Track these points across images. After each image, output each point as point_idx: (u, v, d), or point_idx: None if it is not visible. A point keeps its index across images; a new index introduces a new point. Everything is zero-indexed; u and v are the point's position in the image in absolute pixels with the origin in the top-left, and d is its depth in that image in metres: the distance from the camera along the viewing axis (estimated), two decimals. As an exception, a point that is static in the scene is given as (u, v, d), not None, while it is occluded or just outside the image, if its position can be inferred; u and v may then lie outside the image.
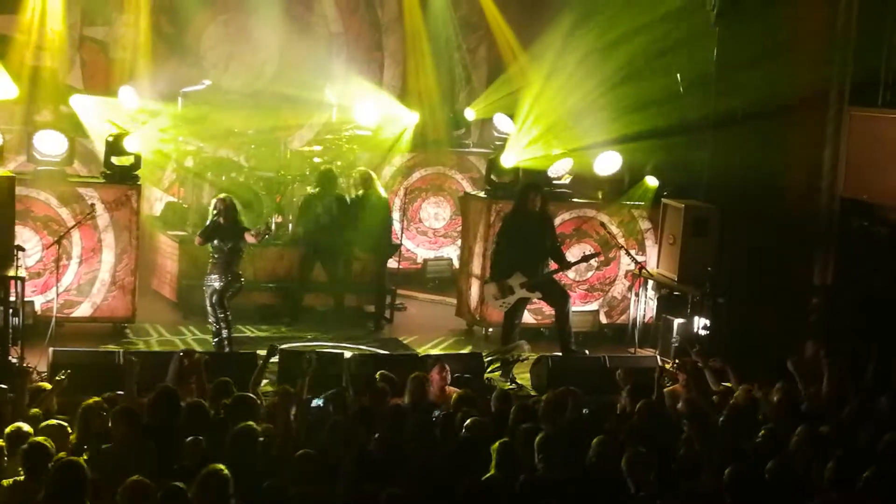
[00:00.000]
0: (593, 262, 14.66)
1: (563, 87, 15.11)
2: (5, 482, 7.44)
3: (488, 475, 7.84)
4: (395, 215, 16.48)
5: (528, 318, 14.20)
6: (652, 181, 15.14)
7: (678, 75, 14.75)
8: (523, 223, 13.45)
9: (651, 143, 14.71)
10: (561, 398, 9.62)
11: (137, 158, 13.82)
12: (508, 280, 13.36)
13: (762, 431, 8.99)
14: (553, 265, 13.52)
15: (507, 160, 14.92)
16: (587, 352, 13.58)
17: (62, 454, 7.64)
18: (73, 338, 12.76)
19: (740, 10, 13.80)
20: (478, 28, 18.88)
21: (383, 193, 15.38)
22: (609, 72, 14.83)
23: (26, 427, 8.19)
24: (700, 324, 13.59)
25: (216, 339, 12.87)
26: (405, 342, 14.21)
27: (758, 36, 13.55)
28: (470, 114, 17.89)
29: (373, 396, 9.73)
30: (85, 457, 7.82)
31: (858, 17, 13.38)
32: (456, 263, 16.91)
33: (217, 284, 12.78)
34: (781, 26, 13.43)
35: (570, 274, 14.64)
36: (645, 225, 15.19)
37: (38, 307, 13.09)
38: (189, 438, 8.14)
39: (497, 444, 8.02)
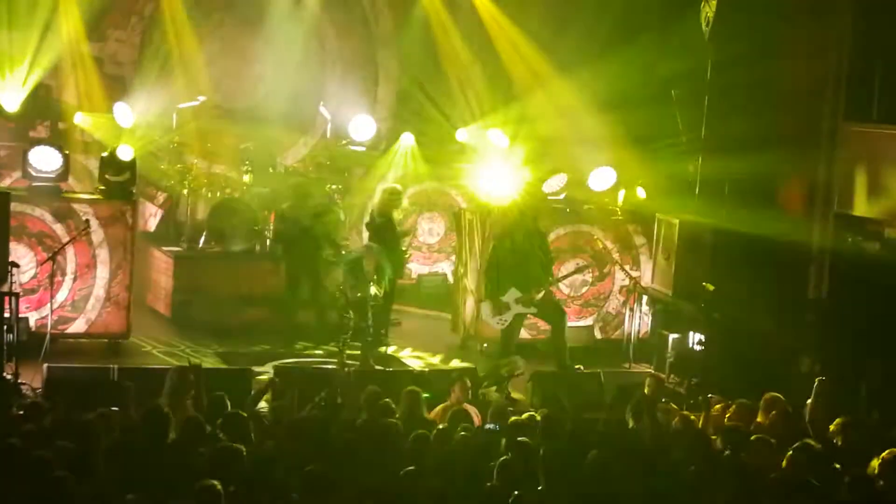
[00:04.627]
0: (587, 276, 14.69)
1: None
2: None
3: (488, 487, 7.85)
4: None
5: (523, 333, 14.18)
6: (642, 195, 15.17)
7: (672, 92, 14.79)
8: (517, 239, 13.45)
9: (643, 157, 14.78)
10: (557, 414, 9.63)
11: (133, 174, 13.80)
12: (504, 297, 13.35)
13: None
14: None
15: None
16: (582, 367, 13.57)
17: None
18: (68, 354, 12.73)
19: (734, 26, 13.83)
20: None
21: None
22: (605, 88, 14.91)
23: None
24: (695, 339, 13.59)
25: None
26: (400, 357, 14.18)
27: (752, 52, 13.60)
28: (462, 134, 17.68)
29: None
30: None
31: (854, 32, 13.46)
32: (450, 279, 16.87)
33: None
34: (776, 43, 13.47)
35: (565, 289, 14.67)
36: (639, 240, 15.20)
37: (32, 323, 13.05)
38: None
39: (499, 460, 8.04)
